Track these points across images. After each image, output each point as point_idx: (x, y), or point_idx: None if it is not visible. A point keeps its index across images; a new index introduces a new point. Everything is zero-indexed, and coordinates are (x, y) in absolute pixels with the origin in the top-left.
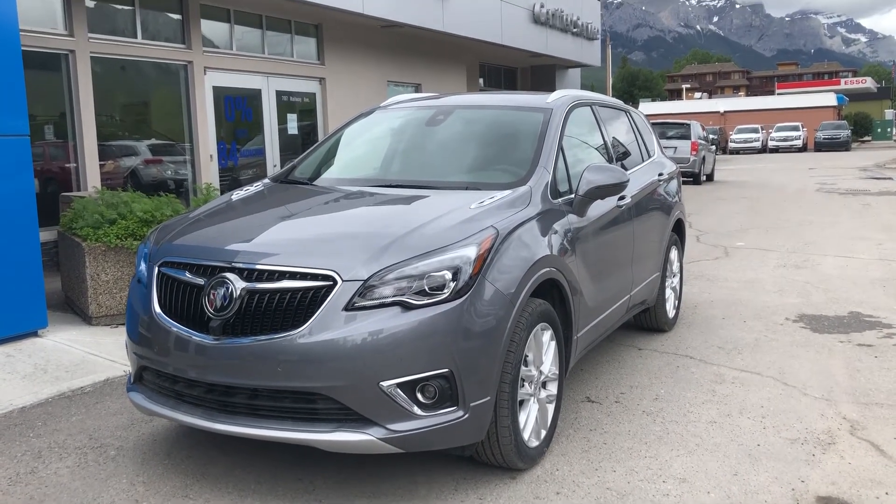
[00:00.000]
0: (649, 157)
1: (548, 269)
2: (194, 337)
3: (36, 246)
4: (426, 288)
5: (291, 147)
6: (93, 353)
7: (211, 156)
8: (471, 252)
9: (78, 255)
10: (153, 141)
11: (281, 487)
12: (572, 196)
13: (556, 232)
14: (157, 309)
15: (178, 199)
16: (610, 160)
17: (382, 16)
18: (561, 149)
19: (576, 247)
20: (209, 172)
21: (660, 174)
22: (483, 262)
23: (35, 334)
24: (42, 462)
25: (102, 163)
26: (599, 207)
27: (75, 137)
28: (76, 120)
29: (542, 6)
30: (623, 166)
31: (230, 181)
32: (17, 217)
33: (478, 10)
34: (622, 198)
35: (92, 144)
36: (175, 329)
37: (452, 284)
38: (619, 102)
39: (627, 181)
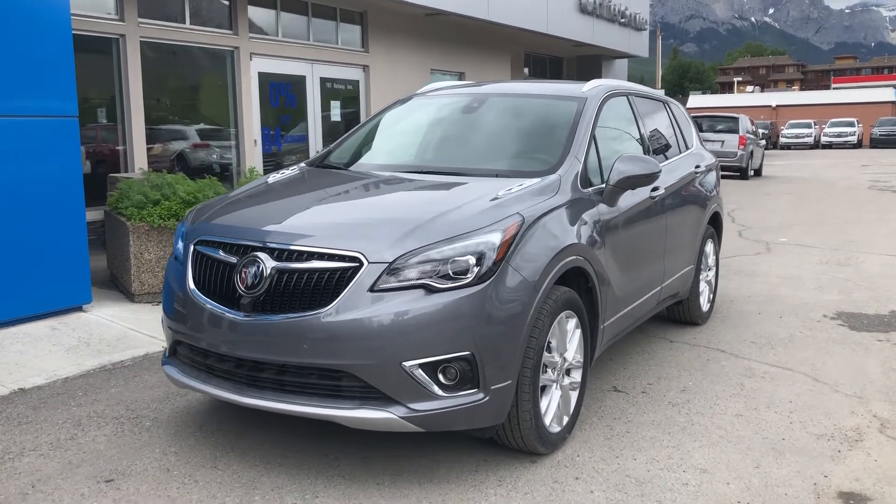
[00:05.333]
0: (687, 149)
1: (574, 257)
2: (226, 313)
3: (82, 224)
4: (450, 272)
5: (334, 134)
6: (134, 329)
7: (255, 141)
8: (495, 238)
9: (122, 234)
10: (199, 125)
11: (306, 462)
12: (603, 186)
13: (584, 221)
14: (192, 285)
15: (221, 181)
16: (645, 151)
17: (427, 3)
18: (594, 138)
19: (605, 236)
20: (253, 157)
21: (697, 166)
22: (508, 249)
23: (80, 309)
24: (81, 430)
25: (150, 146)
26: (631, 198)
27: (124, 120)
28: (125, 103)
29: None
30: (659, 157)
31: (274, 166)
32: (65, 196)
33: None
34: (655, 189)
35: (140, 127)
36: (208, 305)
37: (476, 269)
38: (658, 93)
39: (659, 172)
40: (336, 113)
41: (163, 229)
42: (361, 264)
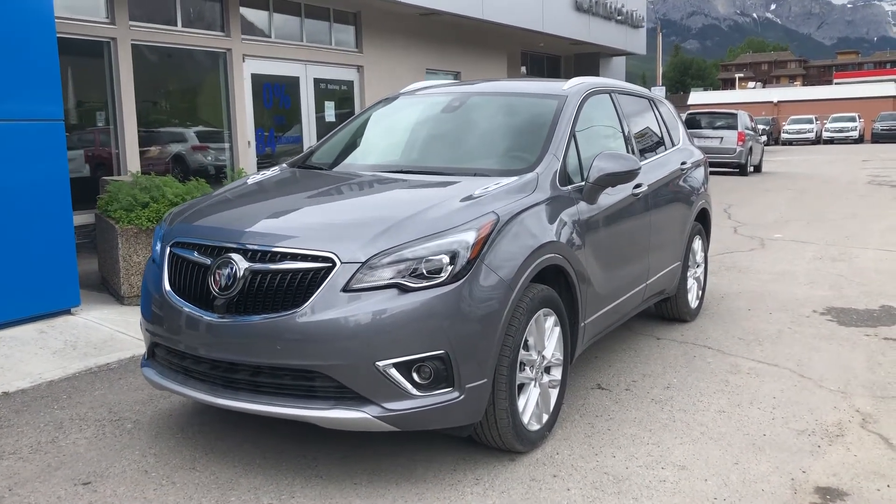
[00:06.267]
0: (673, 145)
1: (551, 255)
2: (201, 315)
3: (69, 228)
4: (423, 271)
5: None
6: (121, 332)
7: (249, 142)
8: (469, 237)
9: (111, 237)
10: (193, 128)
11: (285, 463)
12: (583, 184)
13: (562, 219)
14: (168, 287)
15: (211, 184)
16: (629, 148)
17: (421, 3)
18: (573, 136)
19: (585, 234)
20: (247, 159)
21: (683, 163)
22: (482, 247)
23: (68, 312)
24: (62, 432)
25: (146, 149)
26: (613, 196)
27: (116, 123)
28: (117, 106)
29: None
30: (643, 155)
31: (268, 168)
32: (52, 199)
33: None
34: (638, 186)
35: (132, 130)
36: (183, 307)
37: (450, 268)
38: (643, 90)
39: (639, 169)
40: (331, 114)
41: (151, 232)
42: (334, 264)
